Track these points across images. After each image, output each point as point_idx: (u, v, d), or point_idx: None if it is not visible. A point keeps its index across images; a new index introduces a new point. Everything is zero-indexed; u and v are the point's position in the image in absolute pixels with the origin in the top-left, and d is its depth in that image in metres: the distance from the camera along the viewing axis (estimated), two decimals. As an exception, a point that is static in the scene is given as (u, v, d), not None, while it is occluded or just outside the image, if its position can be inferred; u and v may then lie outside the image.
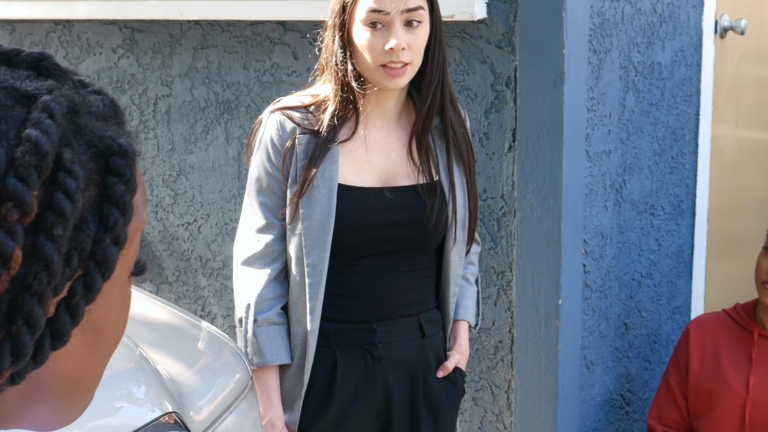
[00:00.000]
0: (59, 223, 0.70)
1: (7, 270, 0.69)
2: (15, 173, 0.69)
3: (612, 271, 3.46)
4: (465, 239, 2.44)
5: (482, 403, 3.34)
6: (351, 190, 2.33)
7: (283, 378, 2.39)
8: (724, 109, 4.12)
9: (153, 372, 2.04)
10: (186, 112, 3.75)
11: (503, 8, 3.09)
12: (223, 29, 3.63)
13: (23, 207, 0.69)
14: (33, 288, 0.70)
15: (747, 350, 3.11)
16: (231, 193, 3.70)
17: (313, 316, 2.33)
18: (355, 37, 2.28)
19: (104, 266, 0.75)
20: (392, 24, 2.24)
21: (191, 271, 3.86)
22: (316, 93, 2.37)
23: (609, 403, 3.54)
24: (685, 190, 3.85)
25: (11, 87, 0.74)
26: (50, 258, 0.70)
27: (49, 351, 0.73)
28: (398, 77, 2.26)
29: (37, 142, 0.70)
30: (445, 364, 2.48)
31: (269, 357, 2.35)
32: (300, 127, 2.32)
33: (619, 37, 3.33)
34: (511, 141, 3.14)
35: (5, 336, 0.70)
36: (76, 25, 3.96)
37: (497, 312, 3.25)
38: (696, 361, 3.17)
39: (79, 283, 0.74)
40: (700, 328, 3.20)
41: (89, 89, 0.79)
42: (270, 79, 3.55)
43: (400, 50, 2.23)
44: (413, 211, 2.35)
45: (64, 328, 0.73)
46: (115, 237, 0.75)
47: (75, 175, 0.72)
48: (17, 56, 0.78)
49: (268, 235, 2.36)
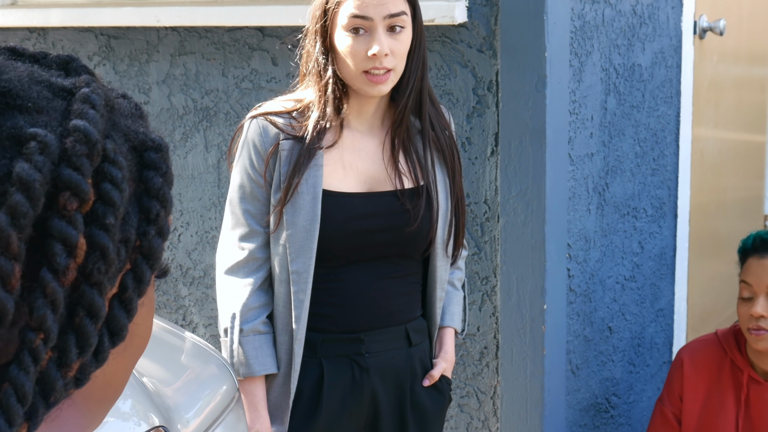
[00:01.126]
0: (110, 212, 0.72)
1: (74, 258, 0.70)
2: (68, 163, 0.70)
3: (596, 275, 3.45)
4: (448, 243, 2.41)
5: (468, 410, 3.32)
6: (336, 196, 2.30)
7: (269, 388, 2.36)
8: (704, 110, 4.13)
9: (139, 385, 2.01)
10: (164, 120, 3.72)
11: (484, 12, 3.07)
12: (201, 35, 3.60)
13: (81, 195, 0.70)
14: (93, 278, 0.72)
15: (737, 389, 3.06)
16: (211, 201, 3.67)
17: (299, 324, 2.30)
18: (337, 43, 2.25)
19: (151, 258, 0.77)
20: (375, 30, 2.21)
21: (171, 280, 3.83)
22: (299, 98, 2.34)
23: (594, 407, 3.52)
24: (667, 192, 3.85)
25: (47, 81, 0.75)
26: (106, 247, 0.72)
27: (109, 348, 0.75)
28: (381, 84, 2.23)
29: (86, 131, 0.71)
30: (431, 372, 2.45)
31: (256, 367, 2.32)
32: (283, 133, 2.29)
33: (600, 40, 3.32)
34: (493, 145, 3.12)
35: (69, 328, 0.72)
36: (51, 32, 3.92)
37: (482, 318, 3.23)
38: (690, 394, 3.10)
39: (129, 277, 0.76)
40: (693, 360, 3.12)
41: (114, 92, 0.81)
42: (249, 85, 3.52)
43: (383, 56, 2.20)
44: (397, 217, 2.33)
45: (121, 323, 0.75)
46: (158, 229, 0.77)
47: (119, 165, 0.74)
48: (45, 58, 0.80)
49: (251, 242, 2.33)
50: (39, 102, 0.73)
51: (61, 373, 0.71)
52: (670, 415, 3.12)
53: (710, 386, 3.08)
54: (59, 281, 0.70)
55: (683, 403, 3.11)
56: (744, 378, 3.01)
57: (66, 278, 0.70)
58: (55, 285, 0.69)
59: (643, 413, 3.84)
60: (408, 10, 2.26)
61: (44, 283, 0.69)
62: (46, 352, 0.70)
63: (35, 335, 0.69)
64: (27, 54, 0.79)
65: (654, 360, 3.89)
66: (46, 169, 0.69)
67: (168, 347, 2.46)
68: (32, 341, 0.69)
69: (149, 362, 2.26)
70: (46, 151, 0.69)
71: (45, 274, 0.69)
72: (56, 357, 0.71)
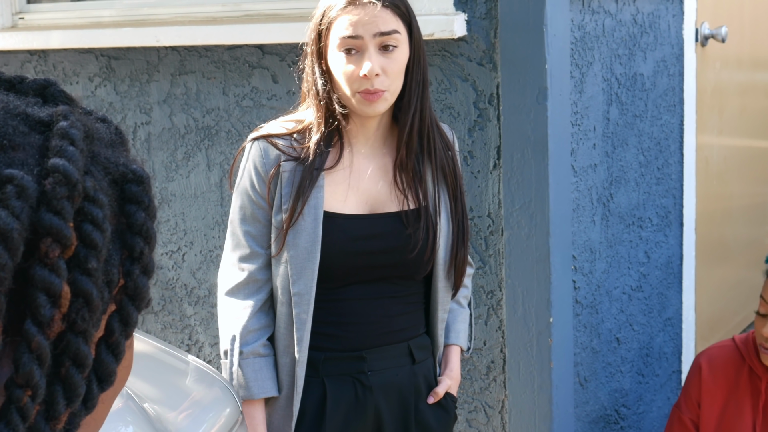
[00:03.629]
0: (93, 255, 0.68)
1: (59, 308, 0.67)
2: (48, 206, 0.66)
3: (602, 286, 3.43)
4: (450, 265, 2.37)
5: (476, 425, 3.30)
6: (337, 217, 2.29)
7: (271, 411, 2.34)
8: (707, 117, 4.11)
9: (140, 411, 2.00)
10: (166, 140, 3.71)
11: (483, 25, 3.06)
12: (201, 54, 3.59)
13: (63, 241, 0.66)
14: (78, 326, 0.68)
15: (755, 396, 3.03)
16: (214, 219, 3.66)
17: (301, 346, 2.28)
18: (331, 64, 2.24)
19: (137, 298, 0.73)
20: (366, 49, 2.20)
21: (177, 300, 3.82)
22: (300, 119, 2.32)
23: (604, 419, 3.50)
24: (672, 201, 3.83)
25: (23, 113, 0.71)
26: (90, 293, 0.68)
27: (98, 394, 0.71)
28: (375, 102, 2.21)
29: (65, 172, 0.67)
30: (436, 389, 2.42)
31: (255, 390, 2.30)
32: (284, 155, 2.27)
33: (601, 50, 3.31)
34: (495, 159, 3.11)
35: (56, 379, 0.68)
36: (51, 54, 3.92)
37: (488, 332, 3.21)
38: (708, 400, 3.08)
39: (115, 319, 0.72)
40: (711, 366, 3.09)
41: (93, 117, 0.77)
42: (250, 103, 3.51)
43: (373, 76, 2.18)
44: (398, 239, 2.31)
45: (109, 369, 0.71)
46: (143, 267, 0.73)
47: (100, 203, 0.69)
48: (21, 83, 0.75)
49: (252, 264, 2.32)
50: (14, 138, 0.68)
51: (50, 426, 0.68)
52: (687, 421, 3.09)
53: (728, 392, 3.05)
54: (45, 334, 0.66)
55: (701, 409, 3.08)
56: (762, 385, 2.99)
57: (51, 330, 0.67)
58: (40, 338, 0.66)
59: (654, 423, 3.81)
60: (402, 28, 2.23)
61: (29, 337, 0.65)
62: (35, 407, 0.67)
63: (22, 392, 0.66)
64: (3, 79, 0.75)
65: (663, 370, 3.87)
66: (24, 215, 0.65)
67: (170, 371, 2.44)
68: (20, 399, 0.66)
69: (151, 387, 2.25)
70: (23, 195, 0.65)
71: (29, 327, 0.66)
72: (44, 410, 0.68)
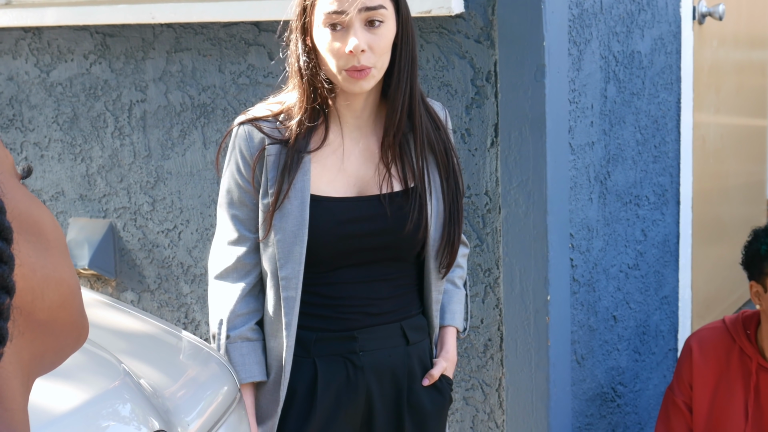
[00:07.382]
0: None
1: None
2: None
3: (599, 264, 3.43)
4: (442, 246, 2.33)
5: (473, 403, 3.30)
6: (324, 200, 2.26)
7: (260, 394, 2.32)
8: (704, 95, 4.10)
9: (137, 389, 1.99)
10: (161, 117, 3.69)
11: (481, 2, 3.04)
12: (197, 32, 3.57)
13: None
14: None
15: (746, 377, 3.05)
16: (210, 198, 3.65)
17: (289, 331, 2.26)
18: (317, 40, 2.20)
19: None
20: (351, 24, 2.16)
21: (173, 279, 3.81)
22: (284, 101, 2.30)
23: (600, 396, 3.50)
24: (669, 179, 3.82)
25: None
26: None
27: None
28: (361, 80, 2.17)
29: None
30: (431, 372, 2.39)
31: (242, 374, 2.28)
32: (269, 138, 2.24)
33: (599, 27, 3.29)
34: (493, 136, 3.10)
35: None
36: (46, 31, 3.90)
37: (485, 310, 3.21)
38: (699, 382, 3.09)
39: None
40: (702, 348, 3.10)
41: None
42: (246, 80, 3.50)
43: (359, 53, 2.14)
44: (387, 221, 2.28)
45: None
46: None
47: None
48: None
49: (240, 248, 2.30)
50: None
51: None
52: (681, 403, 3.10)
53: (720, 374, 3.06)
54: None
55: (693, 391, 3.09)
56: (753, 365, 3.00)
57: None
58: None
59: (650, 401, 3.82)
60: (388, 4, 2.19)
61: None
62: None
63: None
64: None
65: (659, 348, 3.87)
66: None
67: (165, 347, 2.44)
68: None
69: (146, 364, 2.24)
70: None
71: None
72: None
